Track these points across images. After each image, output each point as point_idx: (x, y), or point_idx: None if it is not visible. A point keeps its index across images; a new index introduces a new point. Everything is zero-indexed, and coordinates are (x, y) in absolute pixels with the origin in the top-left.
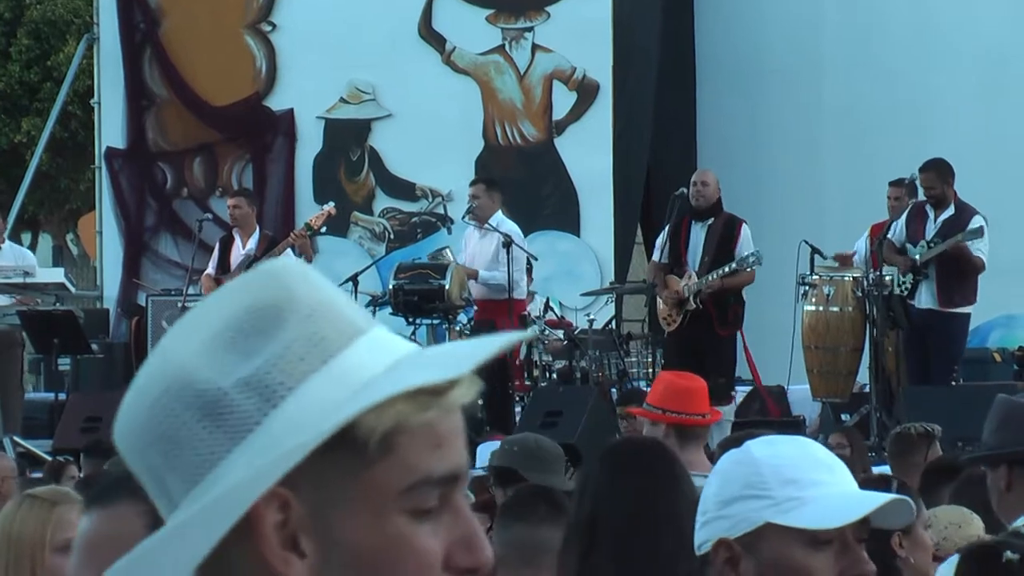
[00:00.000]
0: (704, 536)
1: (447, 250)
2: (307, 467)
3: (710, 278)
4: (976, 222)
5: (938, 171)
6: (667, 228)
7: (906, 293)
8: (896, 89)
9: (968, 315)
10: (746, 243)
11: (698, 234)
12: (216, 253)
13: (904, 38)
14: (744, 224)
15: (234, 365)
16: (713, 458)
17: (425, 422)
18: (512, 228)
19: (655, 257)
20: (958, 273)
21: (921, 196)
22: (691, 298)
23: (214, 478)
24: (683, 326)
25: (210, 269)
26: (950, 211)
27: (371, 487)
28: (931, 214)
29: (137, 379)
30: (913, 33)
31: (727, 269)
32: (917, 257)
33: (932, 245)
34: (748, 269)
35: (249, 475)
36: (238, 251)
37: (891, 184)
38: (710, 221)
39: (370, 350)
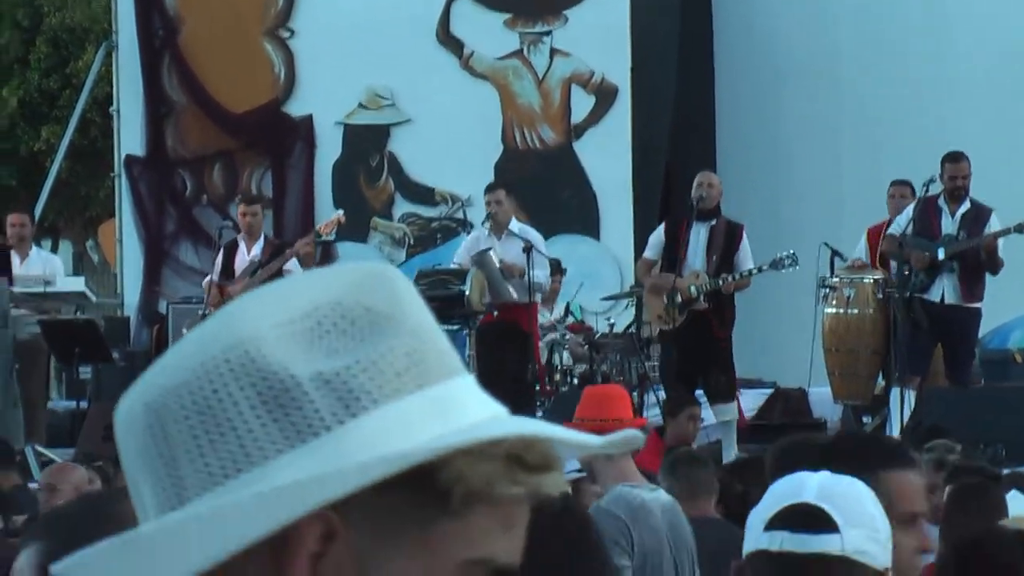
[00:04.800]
0: (887, 560)
1: (491, 252)
2: (368, 498)
3: (731, 278)
4: (995, 221)
5: (969, 161)
6: (663, 226)
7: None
8: (914, 86)
9: (981, 310)
10: (745, 249)
11: (699, 234)
12: (220, 259)
13: (921, 34)
14: (744, 230)
15: (316, 357)
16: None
17: (509, 497)
18: (534, 233)
19: (648, 254)
20: (979, 268)
21: (923, 192)
22: (700, 297)
23: (259, 476)
24: (681, 326)
25: (213, 275)
26: (966, 205)
27: (433, 545)
28: (945, 208)
29: (185, 341)
30: (930, 30)
31: (758, 269)
32: (941, 252)
33: (956, 239)
34: (784, 271)
35: (314, 477)
36: (243, 257)
37: (894, 183)
38: (712, 222)
39: (470, 393)
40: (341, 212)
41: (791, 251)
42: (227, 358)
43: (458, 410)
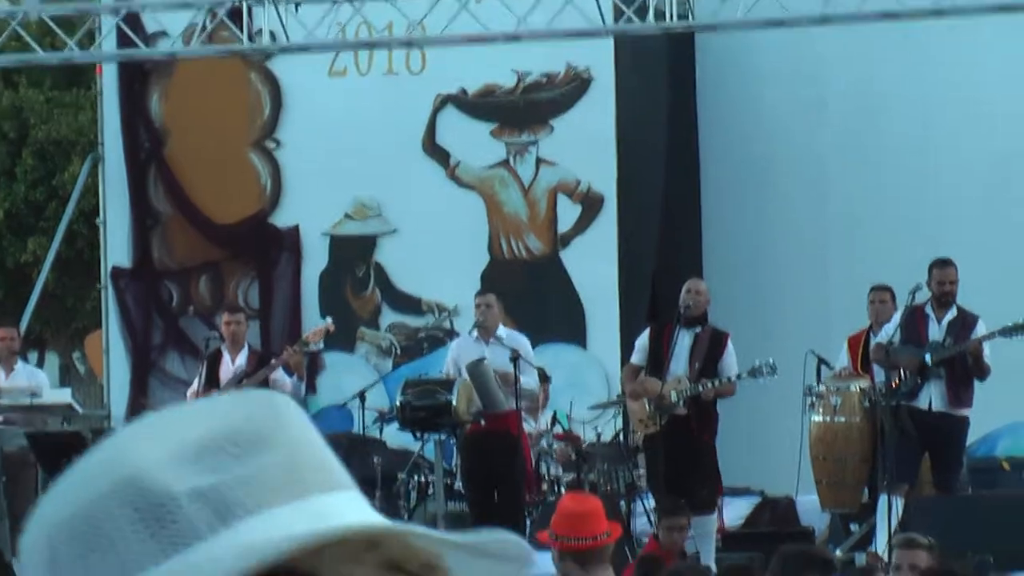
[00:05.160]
0: None
1: (485, 361)
2: None
3: (711, 384)
4: (981, 327)
5: (956, 268)
6: (647, 331)
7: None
8: (900, 194)
9: (968, 418)
10: (730, 356)
11: (684, 340)
12: (203, 370)
13: (906, 142)
14: (729, 338)
15: (194, 474)
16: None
17: None
18: (522, 339)
19: (633, 360)
20: (966, 375)
21: (910, 300)
22: (680, 402)
23: None
24: (660, 431)
25: (195, 386)
26: (953, 312)
27: None
28: (932, 315)
29: (76, 470)
30: (915, 138)
31: (738, 376)
32: (928, 358)
33: (943, 346)
34: (762, 380)
35: (170, 572)
36: (227, 367)
37: (874, 288)
38: (697, 329)
39: (351, 504)
40: (329, 320)
41: (769, 359)
42: (112, 483)
43: (334, 518)
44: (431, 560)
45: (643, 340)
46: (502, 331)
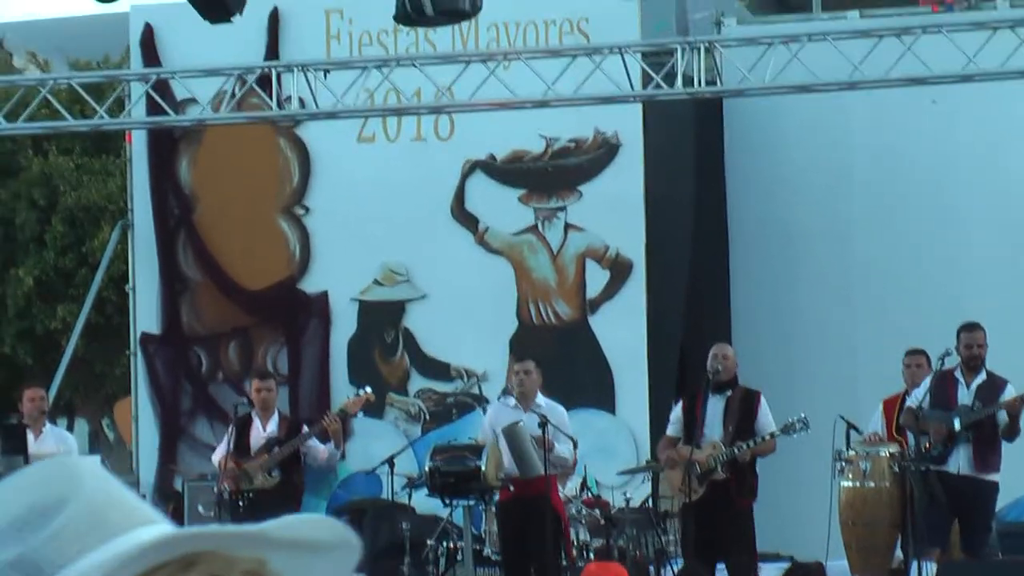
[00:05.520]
0: None
1: (521, 423)
2: None
3: (747, 445)
4: (1010, 390)
5: (984, 331)
6: (680, 402)
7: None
8: (927, 258)
9: (997, 483)
10: (765, 415)
11: (716, 406)
12: (232, 434)
13: (933, 206)
14: (762, 396)
15: (3, 550)
16: None
17: None
18: (560, 409)
19: (669, 432)
20: (995, 439)
21: (939, 365)
22: (719, 467)
23: None
24: (701, 497)
25: (221, 449)
26: (982, 376)
27: None
28: (962, 379)
29: None
30: (942, 201)
31: (770, 435)
32: (956, 422)
33: (972, 410)
34: (795, 435)
35: None
36: (257, 433)
37: (909, 352)
38: (728, 392)
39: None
40: (369, 390)
41: (802, 414)
42: None
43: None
44: (254, 568)
45: (676, 412)
46: (541, 399)
